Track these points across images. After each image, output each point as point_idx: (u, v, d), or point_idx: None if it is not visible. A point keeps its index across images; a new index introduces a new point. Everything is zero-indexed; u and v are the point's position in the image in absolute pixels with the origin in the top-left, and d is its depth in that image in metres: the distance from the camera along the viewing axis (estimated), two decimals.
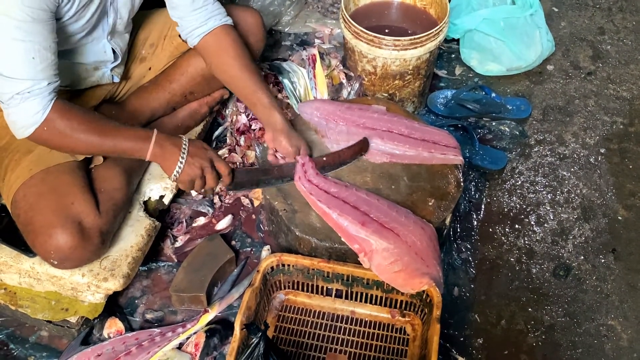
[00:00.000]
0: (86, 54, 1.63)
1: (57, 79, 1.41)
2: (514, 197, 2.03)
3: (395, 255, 1.50)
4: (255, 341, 1.31)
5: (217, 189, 1.86)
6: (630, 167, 2.13)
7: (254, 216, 1.94)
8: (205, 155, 1.53)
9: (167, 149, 1.50)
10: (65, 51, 1.55)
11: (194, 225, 1.90)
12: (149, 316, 1.71)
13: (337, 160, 1.72)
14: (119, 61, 1.71)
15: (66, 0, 1.40)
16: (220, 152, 2.01)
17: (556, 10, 2.73)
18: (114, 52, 1.68)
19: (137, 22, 1.80)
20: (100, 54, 1.65)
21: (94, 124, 1.45)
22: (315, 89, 2.09)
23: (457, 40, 2.49)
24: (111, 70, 1.73)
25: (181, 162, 1.50)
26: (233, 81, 1.71)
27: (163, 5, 1.72)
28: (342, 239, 1.55)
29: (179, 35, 1.76)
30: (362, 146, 1.75)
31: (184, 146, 1.51)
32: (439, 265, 1.55)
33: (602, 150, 2.17)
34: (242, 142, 2.01)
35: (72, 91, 1.70)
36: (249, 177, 1.65)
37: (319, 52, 2.15)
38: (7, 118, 1.41)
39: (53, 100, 1.40)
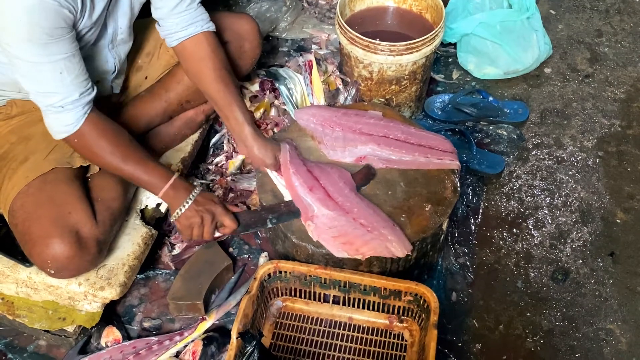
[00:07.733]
0: (90, 66, 1.63)
1: (88, 86, 1.46)
2: (512, 201, 2.02)
3: (334, 222, 1.56)
4: (250, 350, 1.31)
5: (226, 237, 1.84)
6: (629, 169, 2.12)
7: None
8: (210, 207, 1.57)
9: (179, 192, 1.56)
10: None
11: None
12: (146, 324, 1.71)
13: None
14: (117, 72, 1.71)
15: (80, 12, 1.40)
16: (217, 160, 2.01)
17: (553, 12, 2.73)
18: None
19: (133, 30, 1.80)
20: (103, 65, 1.65)
21: (121, 148, 1.51)
22: (312, 95, 2.09)
23: (454, 44, 2.49)
24: (111, 81, 1.73)
25: (184, 206, 1.55)
26: (207, 91, 1.70)
27: None
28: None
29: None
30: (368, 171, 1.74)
31: (193, 193, 1.57)
32: (392, 233, 1.56)
33: (600, 153, 2.17)
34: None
35: None
36: (255, 218, 1.64)
37: (316, 58, 2.15)
38: (44, 119, 1.47)
39: (87, 113, 1.46)
